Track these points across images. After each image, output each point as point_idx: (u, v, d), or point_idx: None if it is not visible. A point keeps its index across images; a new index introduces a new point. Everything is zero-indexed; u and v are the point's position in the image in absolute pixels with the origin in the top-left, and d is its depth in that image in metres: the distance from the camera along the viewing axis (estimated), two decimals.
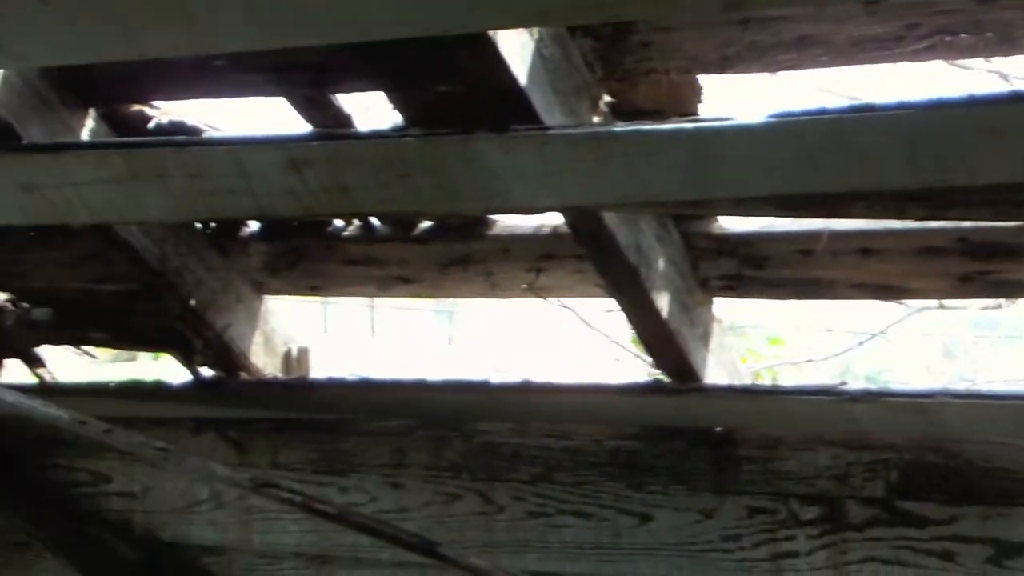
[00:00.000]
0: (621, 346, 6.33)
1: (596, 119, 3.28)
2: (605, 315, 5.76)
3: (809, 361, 8.68)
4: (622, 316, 3.81)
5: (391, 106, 3.49)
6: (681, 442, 3.96)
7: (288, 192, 3.27)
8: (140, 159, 3.39)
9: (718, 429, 3.93)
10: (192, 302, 4.13)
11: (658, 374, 4.06)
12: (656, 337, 3.73)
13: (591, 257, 3.60)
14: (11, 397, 4.36)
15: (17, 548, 4.95)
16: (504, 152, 3.01)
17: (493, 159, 3.03)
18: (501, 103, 3.10)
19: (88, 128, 3.77)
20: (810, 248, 3.60)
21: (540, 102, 3.09)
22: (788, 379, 7.70)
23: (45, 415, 4.26)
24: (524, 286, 3.90)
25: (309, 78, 3.44)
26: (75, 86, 3.71)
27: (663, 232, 3.60)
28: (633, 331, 3.81)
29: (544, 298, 3.98)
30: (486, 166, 3.05)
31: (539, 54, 3.08)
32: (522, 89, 3.04)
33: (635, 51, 3.25)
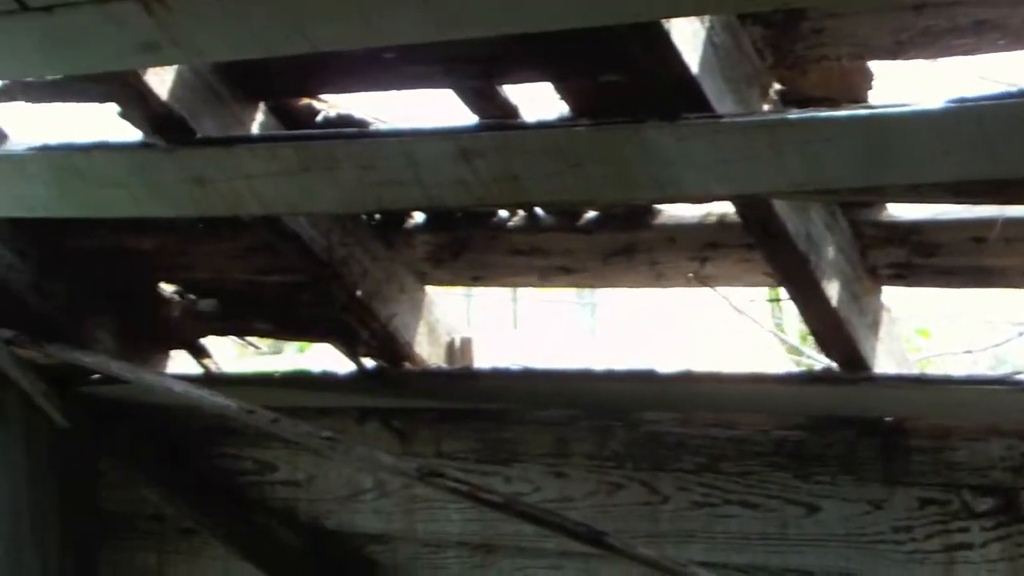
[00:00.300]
0: (781, 337, 6.26)
1: (766, 107, 3.25)
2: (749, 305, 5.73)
3: (968, 352, 8.53)
4: (766, 306, 3.78)
5: (557, 96, 3.49)
6: (849, 432, 3.91)
7: (458, 182, 3.29)
8: (311, 151, 3.44)
9: (888, 419, 3.88)
10: (358, 292, 4.17)
11: (804, 365, 4.02)
12: (825, 325, 3.69)
13: (760, 246, 3.57)
14: (179, 387, 4.45)
15: (185, 535, 5.04)
16: (677, 140, 3.00)
17: (666, 147, 3.03)
18: (671, 92, 3.08)
19: (258, 122, 3.82)
20: (983, 235, 3.53)
21: (711, 90, 3.07)
22: (946, 369, 7.58)
23: (213, 404, 4.34)
24: (690, 275, 3.88)
25: (478, 69, 3.44)
26: (246, 80, 3.75)
27: (832, 220, 3.56)
28: (802, 319, 3.77)
29: (710, 287, 3.96)
30: (658, 154, 3.05)
31: (710, 42, 3.06)
32: (693, 77, 3.02)
33: (806, 38, 3.21)
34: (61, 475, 5.10)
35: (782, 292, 3.91)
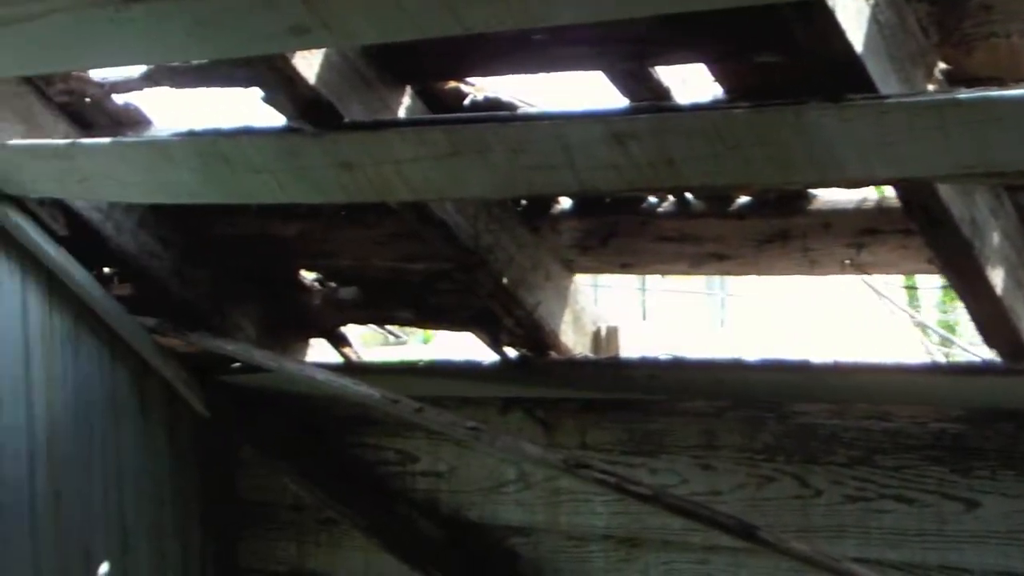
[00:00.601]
0: (930, 327, 6.11)
1: (931, 87, 3.13)
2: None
3: None
4: (904, 294, 3.66)
5: (711, 78, 3.40)
6: (1011, 425, 3.78)
7: (611, 167, 3.22)
8: (461, 135, 3.38)
9: None
10: (504, 280, 4.11)
11: (951, 356, 3.89)
12: (989, 314, 3.56)
13: (921, 232, 3.45)
14: (322, 376, 4.43)
15: (325, 525, 5.02)
16: (840, 122, 2.90)
17: (828, 129, 2.93)
18: (833, 72, 2.97)
19: (404, 106, 3.77)
20: None
21: (875, 70, 2.96)
22: None
23: (356, 393, 4.31)
24: (846, 262, 3.77)
25: (630, 51, 3.36)
26: (393, 63, 3.71)
27: (997, 204, 3.43)
28: (965, 308, 3.65)
29: (866, 274, 3.85)
30: (820, 136, 2.95)
31: (875, 20, 2.95)
32: (857, 57, 2.91)
33: (974, 15, 3.09)
34: (202, 464, 5.11)
35: (919, 280, 3.78)
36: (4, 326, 4.50)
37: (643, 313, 22.80)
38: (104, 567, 4.78)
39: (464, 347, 5.05)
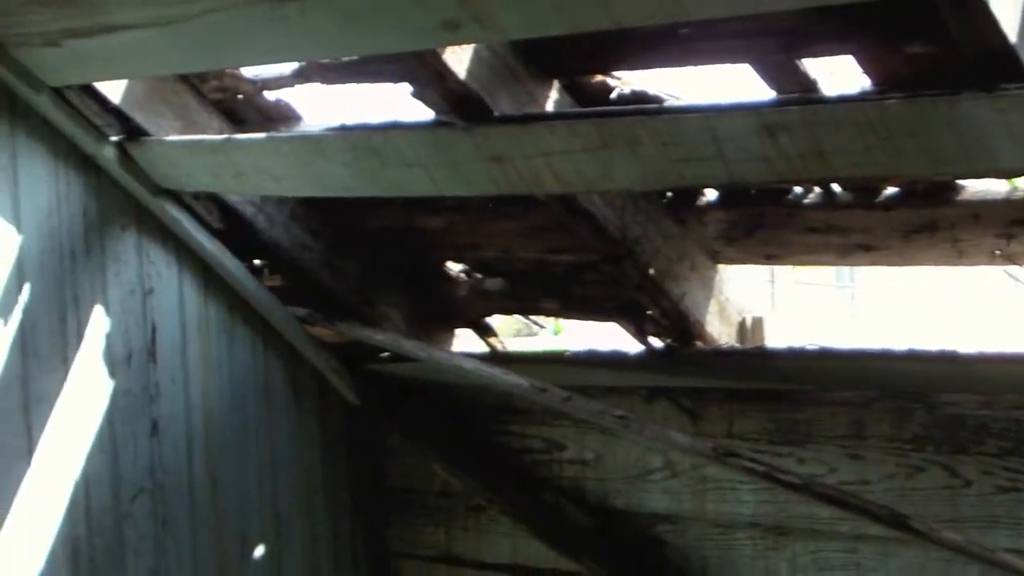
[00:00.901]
0: None
1: None
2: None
3: None
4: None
5: (859, 70, 3.40)
6: None
7: (761, 159, 3.24)
8: (611, 128, 3.42)
9: None
10: (651, 271, 4.14)
11: None
12: None
13: None
14: (470, 365, 4.49)
15: (473, 512, 5.09)
16: (993, 112, 2.90)
17: (981, 119, 2.92)
18: (986, 62, 2.96)
19: (552, 99, 3.81)
20: None
21: None
22: None
23: (505, 382, 4.37)
24: (996, 253, 3.75)
25: (778, 43, 3.38)
26: (540, 58, 3.75)
27: None
28: None
29: (1017, 264, 3.82)
30: (972, 127, 2.95)
31: None
32: (1012, 47, 2.90)
33: None
34: (352, 452, 5.20)
35: None
36: (163, 316, 4.62)
37: (772, 303, 22.67)
38: (260, 550, 4.89)
39: (596, 338, 5.08)
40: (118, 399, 4.51)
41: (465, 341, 5.23)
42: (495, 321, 5.13)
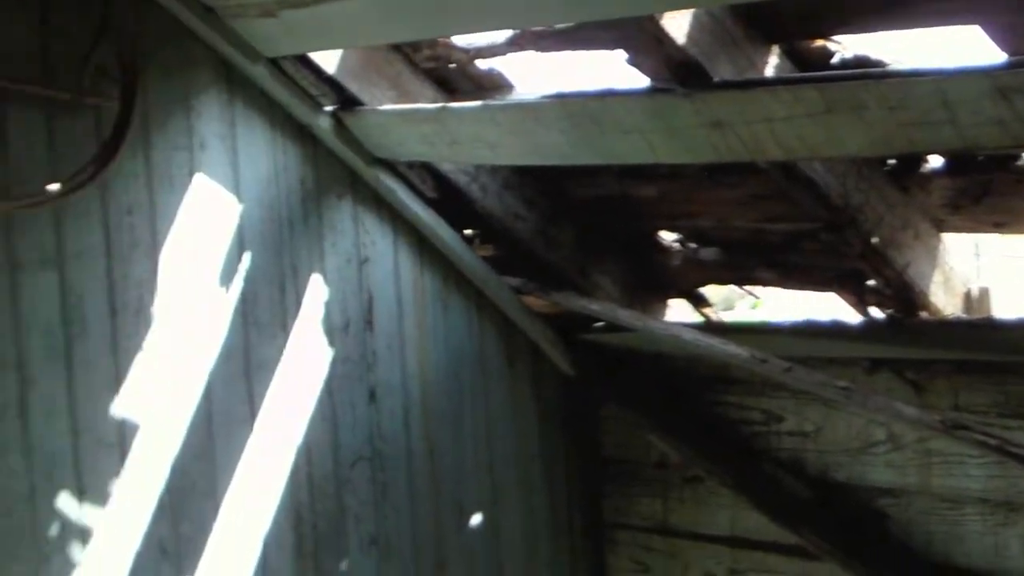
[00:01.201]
0: None
1: None
2: None
3: None
4: None
5: None
6: None
7: (995, 122, 3.12)
8: (835, 93, 3.33)
9: None
10: (873, 240, 4.04)
11: None
12: None
13: None
14: (689, 335, 4.44)
15: (690, 483, 5.04)
16: None
17: None
18: None
19: (772, 65, 3.73)
20: None
21: None
22: None
23: (724, 353, 4.31)
24: None
25: (1011, 3, 3.25)
26: (760, 23, 3.67)
27: None
28: None
29: None
30: None
31: None
32: None
33: None
34: (567, 422, 5.19)
35: None
36: (378, 285, 4.66)
37: (977, 276, 22.07)
38: (476, 518, 4.91)
39: (796, 310, 4.99)
40: (336, 367, 4.57)
41: (675, 311, 5.18)
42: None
